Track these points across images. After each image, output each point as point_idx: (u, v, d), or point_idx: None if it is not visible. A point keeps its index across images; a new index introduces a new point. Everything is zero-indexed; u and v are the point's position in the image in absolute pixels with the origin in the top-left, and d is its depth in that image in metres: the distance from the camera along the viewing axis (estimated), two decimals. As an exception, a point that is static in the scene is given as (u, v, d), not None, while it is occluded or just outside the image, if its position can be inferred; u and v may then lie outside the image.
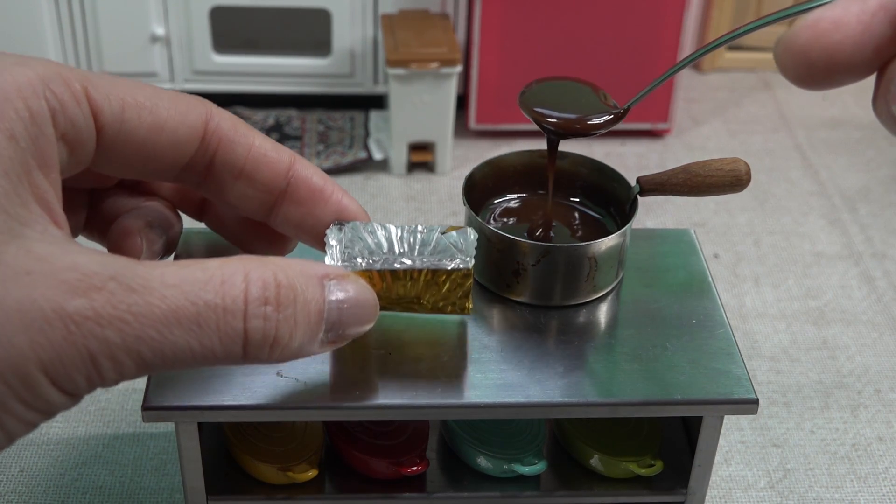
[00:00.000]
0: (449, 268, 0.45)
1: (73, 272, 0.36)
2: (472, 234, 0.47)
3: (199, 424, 0.46)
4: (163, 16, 0.82)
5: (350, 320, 0.43)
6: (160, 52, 0.83)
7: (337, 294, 0.42)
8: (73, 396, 0.36)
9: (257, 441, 0.50)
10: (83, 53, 0.83)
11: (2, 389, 0.34)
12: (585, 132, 0.50)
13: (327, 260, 0.46)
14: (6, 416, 0.35)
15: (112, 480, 0.57)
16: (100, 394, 0.61)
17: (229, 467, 0.50)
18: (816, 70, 0.32)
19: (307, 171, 0.46)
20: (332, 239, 0.46)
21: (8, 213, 0.36)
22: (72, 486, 0.56)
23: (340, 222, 0.47)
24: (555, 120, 0.50)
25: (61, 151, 0.39)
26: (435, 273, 0.45)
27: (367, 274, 0.45)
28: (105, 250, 0.47)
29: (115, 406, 0.61)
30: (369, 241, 0.47)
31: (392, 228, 0.47)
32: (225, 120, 0.44)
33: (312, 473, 0.49)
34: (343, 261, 0.46)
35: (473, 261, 0.46)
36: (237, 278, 0.39)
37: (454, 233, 0.47)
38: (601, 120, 0.50)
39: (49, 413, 0.36)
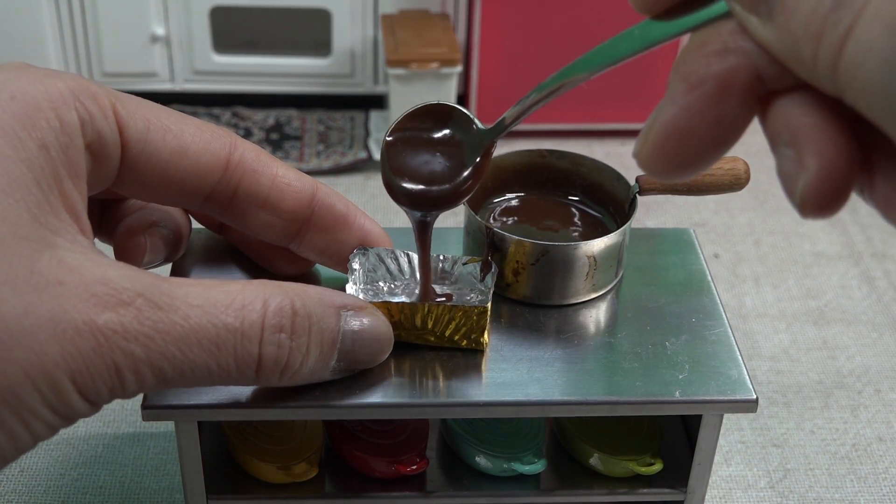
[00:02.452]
0: (466, 304, 0.46)
1: (104, 286, 0.37)
2: (493, 268, 0.48)
3: (199, 424, 0.46)
4: (163, 16, 0.82)
5: (363, 351, 0.44)
6: (160, 52, 0.83)
7: (352, 325, 0.43)
8: (95, 405, 0.38)
9: (257, 440, 0.50)
10: (83, 53, 0.83)
11: (33, 395, 0.35)
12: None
13: (349, 285, 0.46)
14: (34, 420, 0.36)
15: (112, 480, 0.57)
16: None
17: (229, 467, 0.50)
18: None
19: (330, 198, 0.47)
20: (356, 263, 0.47)
21: (40, 222, 0.37)
22: (72, 486, 0.56)
23: (364, 248, 0.48)
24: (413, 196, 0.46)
25: (87, 162, 0.40)
26: (452, 308, 0.46)
27: (385, 305, 0.46)
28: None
29: (115, 406, 0.61)
30: (392, 267, 0.48)
31: (414, 256, 0.48)
32: (249, 150, 0.45)
33: (312, 472, 0.49)
34: (365, 284, 0.47)
35: (491, 298, 0.47)
36: (257, 304, 0.40)
37: (474, 265, 0.48)
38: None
39: (71, 419, 0.37)
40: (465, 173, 0.45)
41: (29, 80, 0.38)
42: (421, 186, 0.46)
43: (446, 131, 0.46)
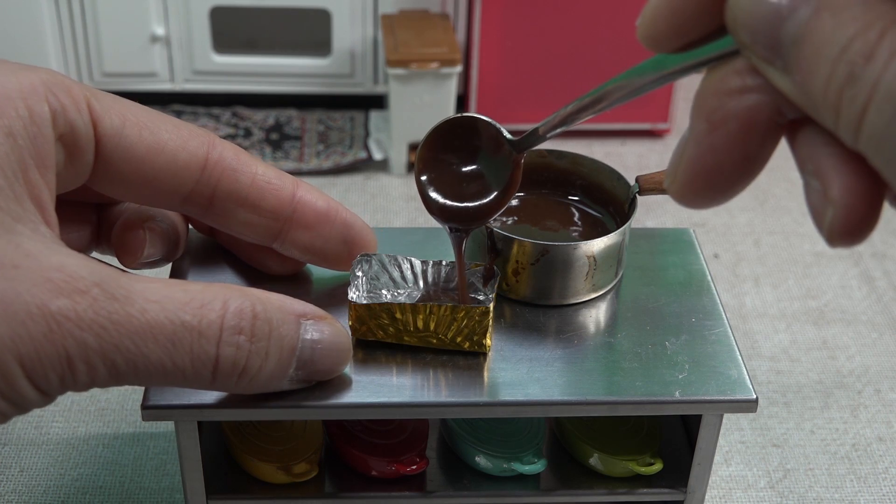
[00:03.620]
0: (468, 304, 0.46)
1: (60, 273, 0.36)
2: (496, 273, 0.48)
3: (199, 424, 0.46)
4: (163, 16, 0.82)
5: (322, 361, 0.43)
6: (160, 52, 0.83)
7: (312, 334, 0.43)
8: (46, 395, 0.37)
9: (257, 440, 0.50)
10: (83, 53, 0.83)
11: None
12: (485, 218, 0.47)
13: (352, 291, 0.46)
14: None
15: (112, 480, 0.57)
16: (100, 394, 0.61)
17: (229, 467, 0.50)
18: (727, 201, 0.30)
19: (311, 195, 0.47)
20: (358, 270, 0.47)
21: (0, 208, 0.36)
22: (72, 486, 0.56)
23: (367, 254, 0.48)
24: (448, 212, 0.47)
25: (59, 154, 0.40)
26: (454, 309, 0.46)
27: (387, 307, 0.46)
28: (106, 260, 0.48)
29: (115, 406, 0.61)
30: (394, 273, 0.48)
31: (417, 262, 0.49)
32: (227, 150, 0.45)
33: (312, 472, 0.49)
34: (368, 291, 0.47)
35: (493, 300, 0.46)
36: (216, 304, 0.40)
37: (479, 269, 0.48)
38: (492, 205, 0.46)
39: (21, 407, 0.37)
40: (498, 189, 0.46)
41: (2, 72, 0.39)
42: (456, 204, 0.47)
43: (475, 145, 0.46)
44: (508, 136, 0.46)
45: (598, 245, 0.49)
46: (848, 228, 0.27)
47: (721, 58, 0.29)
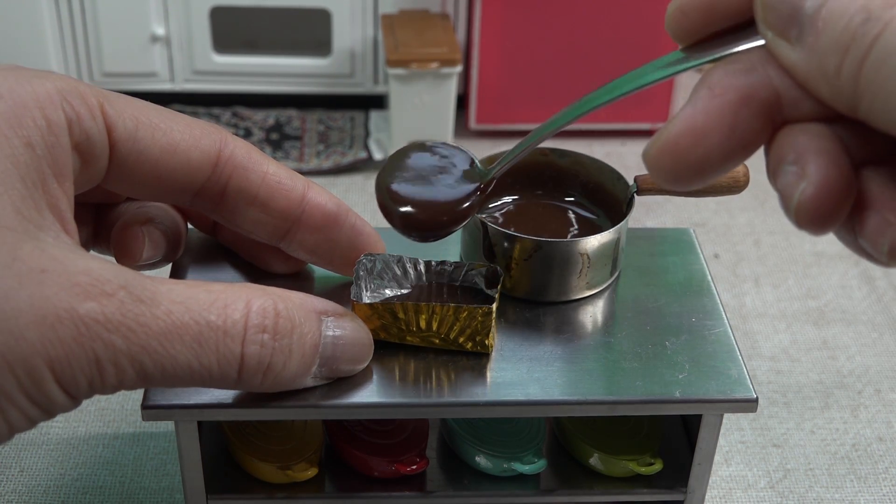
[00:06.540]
0: (471, 305, 0.46)
1: (87, 276, 0.37)
2: (499, 273, 0.48)
3: (199, 424, 0.46)
4: (163, 16, 0.82)
5: (344, 357, 0.44)
6: (160, 52, 0.83)
7: (334, 331, 0.43)
8: (73, 399, 0.37)
9: (257, 440, 0.50)
10: (83, 53, 0.83)
11: (9, 380, 0.35)
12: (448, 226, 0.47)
13: (354, 290, 0.46)
14: (10, 407, 0.36)
15: (112, 480, 0.57)
16: (100, 394, 0.61)
17: (229, 467, 0.50)
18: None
19: (321, 197, 0.47)
20: (361, 270, 0.47)
21: (23, 216, 0.37)
22: (72, 486, 0.56)
23: (371, 254, 0.48)
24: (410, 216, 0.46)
25: (74, 162, 0.40)
26: (456, 309, 0.46)
27: (390, 306, 0.46)
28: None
29: (115, 406, 0.61)
30: (398, 272, 0.48)
31: (420, 262, 0.48)
32: (239, 147, 0.45)
33: (312, 472, 0.49)
34: (371, 291, 0.47)
35: (497, 301, 0.46)
36: (239, 304, 0.40)
37: (482, 269, 0.48)
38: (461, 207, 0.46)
39: (49, 412, 0.37)
40: (463, 203, 0.47)
41: (17, 80, 0.39)
42: (415, 211, 0.47)
43: (445, 164, 0.47)
44: (479, 165, 0.47)
45: (591, 242, 0.49)
46: (818, 203, 0.29)
47: (733, 55, 0.31)
